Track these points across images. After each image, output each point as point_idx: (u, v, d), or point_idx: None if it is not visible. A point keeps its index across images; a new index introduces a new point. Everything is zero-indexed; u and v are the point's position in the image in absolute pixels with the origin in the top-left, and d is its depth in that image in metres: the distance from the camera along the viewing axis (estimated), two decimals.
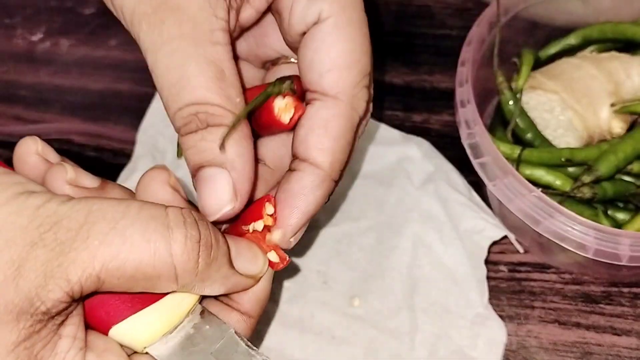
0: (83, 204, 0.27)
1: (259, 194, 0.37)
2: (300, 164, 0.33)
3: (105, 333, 0.30)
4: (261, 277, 0.32)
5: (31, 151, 0.33)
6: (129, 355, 0.31)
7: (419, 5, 0.62)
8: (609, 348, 0.45)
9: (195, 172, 0.32)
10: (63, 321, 0.28)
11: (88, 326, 0.30)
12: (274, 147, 0.38)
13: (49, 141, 0.55)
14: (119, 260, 0.27)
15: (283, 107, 0.33)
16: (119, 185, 0.33)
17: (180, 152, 0.34)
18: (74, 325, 0.28)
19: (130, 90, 0.57)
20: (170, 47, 0.31)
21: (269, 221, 0.33)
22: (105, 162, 0.54)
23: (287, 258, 0.34)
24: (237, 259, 0.31)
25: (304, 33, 0.33)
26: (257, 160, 0.36)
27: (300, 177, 0.33)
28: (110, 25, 0.61)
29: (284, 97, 0.33)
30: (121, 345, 0.31)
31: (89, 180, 0.32)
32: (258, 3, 0.34)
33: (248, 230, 0.34)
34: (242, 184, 0.32)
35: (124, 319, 0.30)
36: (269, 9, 0.35)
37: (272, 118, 0.33)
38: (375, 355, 0.43)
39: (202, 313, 0.32)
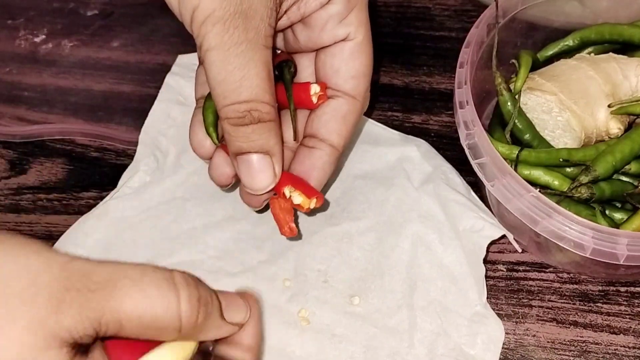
0: (106, 264, 0.31)
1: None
2: (319, 143, 0.43)
3: None
4: (244, 323, 0.37)
5: None
6: None
7: (418, 7, 0.62)
8: (607, 347, 0.45)
9: (238, 155, 0.40)
10: (87, 351, 0.31)
11: None
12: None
13: (52, 142, 0.56)
14: (139, 311, 0.31)
15: (317, 92, 0.42)
16: None
17: (219, 139, 0.42)
18: (98, 357, 0.32)
19: (133, 91, 0.57)
20: (239, 49, 0.37)
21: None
22: (108, 163, 0.54)
23: (296, 230, 0.42)
24: (226, 311, 0.35)
25: (327, 45, 0.42)
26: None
27: (321, 155, 0.43)
28: (112, 26, 0.61)
29: (317, 84, 0.43)
30: None
31: None
32: (293, 16, 0.41)
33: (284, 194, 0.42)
34: (279, 165, 0.41)
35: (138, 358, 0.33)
36: (300, 20, 0.42)
37: (306, 99, 0.43)
38: (375, 353, 0.44)
39: (210, 357, 0.36)
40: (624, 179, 0.47)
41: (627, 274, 0.47)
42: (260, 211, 0.48)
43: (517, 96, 0.48)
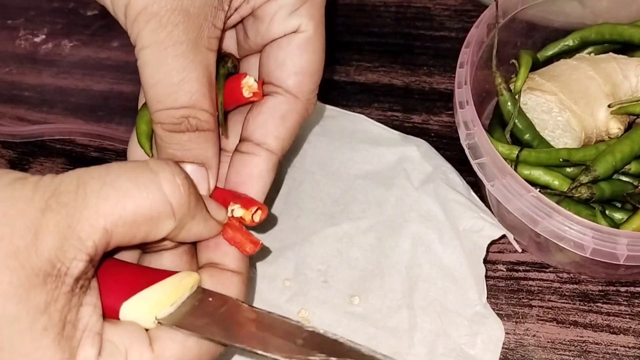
0: (71, 173, 0.30)
1: None
2: (255, 148, 0.39)
3: (116, 314, 0.32)
4: (223, 224, 0.36)
5: None
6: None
7: (418, 7, 0.62)
8: (606, 347, 0.45)
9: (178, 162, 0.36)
10: (83, 289, 0.30)
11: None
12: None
13: (52, 142, 0.56)
14: (118, 209, 0.29)
15: (250, 84, 0.38)
16: None
17: (148, 147, 0.39)
18: (92, 296, 0.31)
19: (133, 91, 0.57)
20: (178, 50, 0.34)
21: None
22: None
23: (260, 242, 0.38)
24: (208, 207, 0.35)
25: (276, 38, 0.39)
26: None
27: (257, 163, 0.39)
28: (112, 26, 0.61)
29: (252, 78, 0.39)
30: None
31: None
32: (244, 10, 0.39)
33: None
34: (213, 180, 0.38)
35: (132, 295, 0.32)
36: (250, 14, 0.39)
37: (236, 90, 0.39)
38: None
39: (203, 291, 0.35)
40: (624, 179, 0.47)
41: (627, 274, 0.47)
42: None
43: (517, 96, 0.48)
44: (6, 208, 0.28)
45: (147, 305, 0.33)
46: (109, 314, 0.32)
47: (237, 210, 0.38)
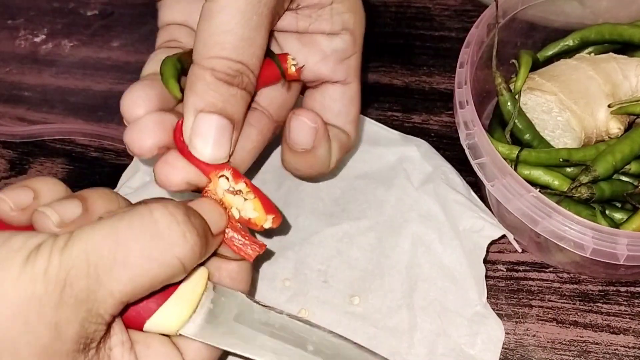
0: (78, 248, 0.30)
1: (256, 138, 0.40)
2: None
3: (140, 327, 0.34)
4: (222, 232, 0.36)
5: (6, 211, 0.34)
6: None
7: (418, 7, 0.62)
8: (606, 347, 0.45)
9: (202, 112, 0.35)
10: (106, 336, 0.32)
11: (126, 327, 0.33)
12: (275, 96, 0.42)
13: (52, 142, 0.56)
14: (131, 284, 0.30)
15: (292, 65, 0.40)
16: (98, 191, 0.35)
17: (177, 89, 0.35)
18: (117, 334, 0.32)
19: None
20: (259, 9, 0.35)
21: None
22: (108, 163, 0.55)
23: (264, 245, 0.37)
24: (210, 225, 0.34)
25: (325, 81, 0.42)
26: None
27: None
28: (112, 26, 0.61)
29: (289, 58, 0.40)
30: None
31: (72, 209, 0.33)
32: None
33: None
34: (236, 138, 0.37)
35: (153, 313, 0.34)
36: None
37: (284, 71, 0.40)
38: None
39: (213, 288, 0.36)
40: (624, 179, 0.47)
41: (627, 274, 0.47)
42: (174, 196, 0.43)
43: (517, 96, 0.48)
44: (25, 313, 0.28)
45: (170, 321, 0.34)
46: (133, 326, 0.34)
47: (250, 211, 0.36)
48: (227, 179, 0.37)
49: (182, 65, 0.37)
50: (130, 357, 0.32)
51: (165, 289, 0.34)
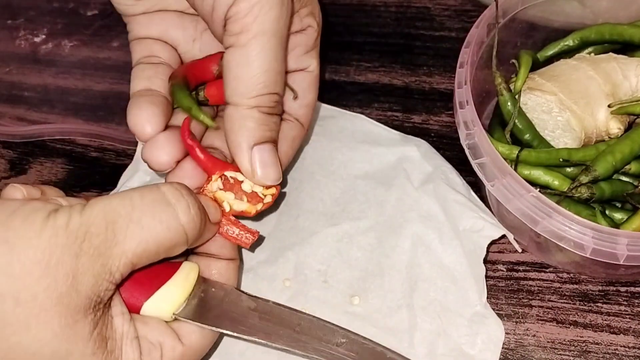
0: (97, 208, 0.34)
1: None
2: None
3: (137, 310, 0.37)
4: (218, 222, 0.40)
5: (17, 197, 0.37)
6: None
7: (418, 7, 0.62)
8: (606, 347, 0.45)
9: (257, 145, 0.39)
10: (109, 303, 0.35)
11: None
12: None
13: (52, 142, 0.56)
14: (143, 245, 0.34)
15: None
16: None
17: (210, 119, 0.40)
18: (118, 305, 0.35)
19: None
20: (284, 41, 0.38)
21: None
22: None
23: (257, 231, 0.41)
24: (208, 213, 0.38)
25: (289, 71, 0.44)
26: None
27: None
28: (112, 26, 0.61)
29: None
30: None
31: (77, 201, 0.37)
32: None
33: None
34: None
35: (150, 296, 0.37)
36: None
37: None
38: None
39: (204, 281, 0.40)
40: (624, 179, 0.47)
41: (627, 274, 0.47)
42: None
43: (517, 96, 0.48)
44: (47, 259, 0.31)
45: (165, 304, 0.37)
46: (130, 309, 0.37)
47: (239, 204, 0.41)
48: (226, 177, 0.41)
49: (189, 90, 0.42)
50: (130, 328, 0.35)
51: (161, 277, 0.38)
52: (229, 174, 0.41)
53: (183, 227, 0.35)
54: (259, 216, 0.44)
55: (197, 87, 0.44)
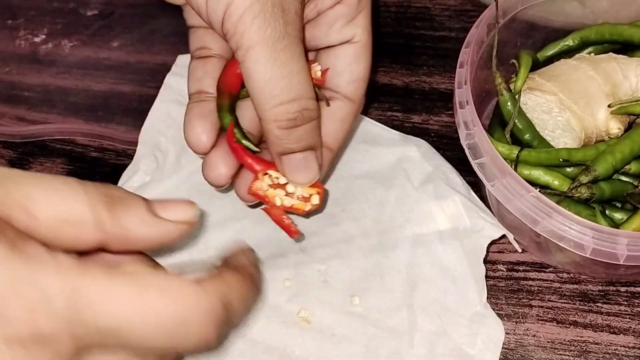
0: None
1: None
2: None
3: None
4: (193, 222, 0.34)
5: None
6: None
7: (418, 7, 0.62)
8: (607, 347, 0.45)
9: (284, 155, 0.40)
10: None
11: None
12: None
13: (52, 142, 0.56)
14: (47, 199, 0.29)
15: (316, 71, 0.43)
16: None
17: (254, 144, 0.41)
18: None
19: (133, 91, 0.57)
20: (282, 44, 0.36)
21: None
22: (108, 163, 0.55)
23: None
24: (161, 209, 0.33)
25: (332, 45, 0.42)
26: None
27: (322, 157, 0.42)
28: (112, 26, 0.61)
29: (320, 66, 0.43)
30: None
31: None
32: (310, 13, 0.41)
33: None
34: (320, 157, 0.41)
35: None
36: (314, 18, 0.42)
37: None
38: (375, 353, 0.44)
39: None
40: (624, 179, 0.47)
41: (627, 274, 0.47)
42: (253, 206, 0.47)
43: (517, 96, 0.48)
44: None
45: None
46: None
47: (289, 200, 0.42)
48: (271, 176, 0.42)
49: (234, 111, 0.42)
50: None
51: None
52: (273, 173, 0.42)
53: (92, 204, 0.30)
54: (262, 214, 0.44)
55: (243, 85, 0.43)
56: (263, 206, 0.43)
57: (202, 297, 0.30)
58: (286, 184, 0.42)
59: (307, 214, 0.44)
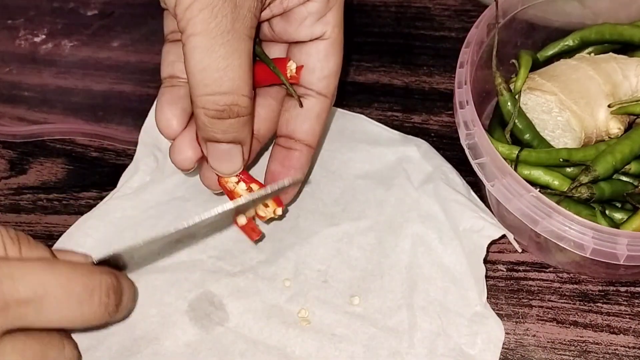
0: None
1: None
2: (296, 144, 0.44)
3: None
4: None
5: None
6: None
7: (418, 7, 0.62)
8: (606, 347, 0.45)
9: (209, 142, 0.40)
10: None
11: None
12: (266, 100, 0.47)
13: (52, 142, 0.56)
14: None
15: (292, 70, 0.43)
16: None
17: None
18: None
19: (133, 91, 0.57)
20: (225, 38, 0.37)
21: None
22: (108, 163, 0.55)
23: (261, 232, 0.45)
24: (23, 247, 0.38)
25: (302, 41, 0.43)
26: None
27: (299, 156, 0.44)
28: (112, 26, 0.61)
29: (294, 63, 0.44)
30: None
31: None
32: (276, 9, 0.42)
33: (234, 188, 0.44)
34: (247, 153, 0.42)
35: None
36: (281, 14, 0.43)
37: (282, 72, 0.43)
38: (375, 353, 0.44)
39: None
40: (624, 179, 0.47)
41: (627, 274, 0.47)
42: (219, 194, 0.48)
43: (517, 96, 0.48)
44: None
45: None
46: None
47: (262, 211, 0.44)
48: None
49: None
50: None
51: None
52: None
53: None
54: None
55: None
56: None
57: (104, 271, 0.37)
58: (254, 188, 0.43)
59: (268, 221, 0.46)
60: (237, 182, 0.43)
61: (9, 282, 0.33)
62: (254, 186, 0.43)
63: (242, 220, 0.44)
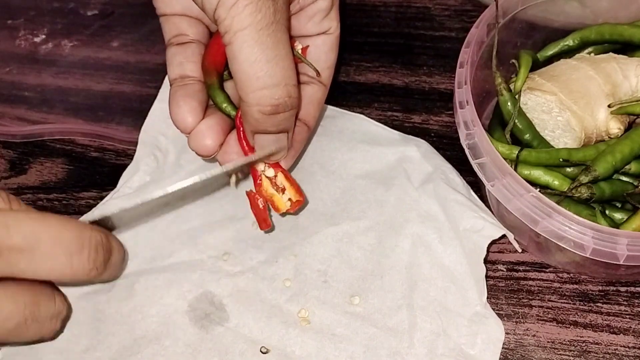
0: None
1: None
2: (298, 121, 0.46)
3: None
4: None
5: None
6: None
7: (418, 7, 0.62)
8: (606, 347, 0.45)
9: (257, 134, 0.42)
10: None
11: None
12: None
13: (52, 142, 0.56)
14: None
15: (298, 50, 0.46)
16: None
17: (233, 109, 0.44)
18: None
19: (133, 91, 0.57)
20: (270, 29, 0.38)
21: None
22: (108, 163, 0.55)
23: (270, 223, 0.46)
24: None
25: (309, 35, 0.47)
26: None
27: (300, 132, 0.46)
28: (112, 26, 0.61)
29: (301, 44, 0.47)
30: None
31: None
32: (293, 8, 0.45)
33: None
34: (290, 139, 0.45)
35: None
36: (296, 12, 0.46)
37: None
38: (375, 352, 0.44)
39: None
40: (624, 179, 0.47)
41: (627, 274, 0.47)
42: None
43: (517, 96, 0.48)
44: None
45: None
46: None
47: (281, 196, 0.45)
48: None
49: (222, 82, 0.45)
50: None
51: None
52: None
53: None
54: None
55: (225, 68, 0.45)
56: (248, 189, 0.46)
57: (94, 229, 0.39)
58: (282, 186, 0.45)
59: (283, 214, 0.47)
60: (275, 175, 0.45)
61: (3, 230, 0.35)
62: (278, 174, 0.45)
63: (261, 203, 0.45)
